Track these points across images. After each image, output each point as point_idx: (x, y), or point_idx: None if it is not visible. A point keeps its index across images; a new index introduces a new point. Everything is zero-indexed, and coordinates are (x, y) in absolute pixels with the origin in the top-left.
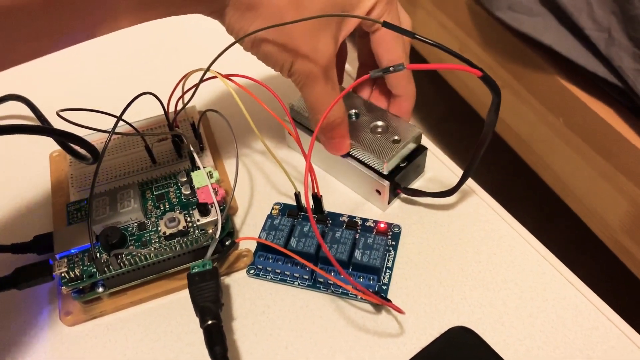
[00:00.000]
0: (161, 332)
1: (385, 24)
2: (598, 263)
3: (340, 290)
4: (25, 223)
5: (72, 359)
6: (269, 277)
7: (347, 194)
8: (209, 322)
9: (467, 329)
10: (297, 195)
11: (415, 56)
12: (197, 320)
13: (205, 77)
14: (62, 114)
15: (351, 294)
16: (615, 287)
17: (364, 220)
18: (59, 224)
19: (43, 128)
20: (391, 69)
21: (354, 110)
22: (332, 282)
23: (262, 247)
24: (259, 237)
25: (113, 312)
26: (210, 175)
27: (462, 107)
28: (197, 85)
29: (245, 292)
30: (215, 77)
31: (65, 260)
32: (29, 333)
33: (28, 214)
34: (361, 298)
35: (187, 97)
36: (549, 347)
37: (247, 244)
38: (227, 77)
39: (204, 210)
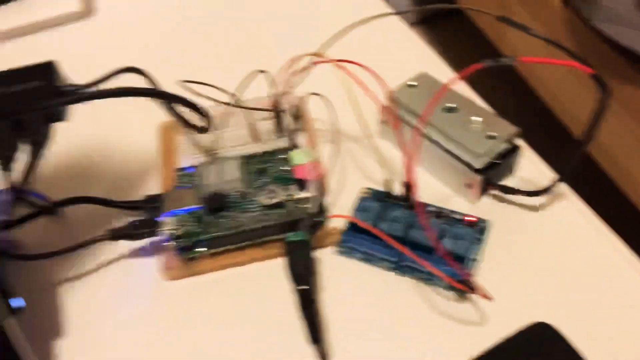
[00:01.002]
0: (252, 295)
1: (500, 18)
2: None
3: (425, 276)
4: (136, 185)
5: (168, 310)
6: (356, 256)
7: (435, 186)
8: (303, 287)
9: (548, 325)
10: (389, 182)
11: None
12: (286, 288)
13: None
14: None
15: (436, 279)
16: None
17: (453, 212)
18: (168, 187)
19: (161, 92)
20: (504, 59)
21: (450, 104)
22: (416, 267)
23: (352, 227)
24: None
25: (210, 271)
26: (307, 155)
27: (548, 120)
28: (305, 69)
29: (332, 268)
30: (320, 61)
31: (173, 219)
32: (132, 282)
33: (139, 177)
34: (445, 285)
35: (293, 79)
36: (635, 356)
37: (337, 222)
38: (335, 62)
39: (301, 186)
